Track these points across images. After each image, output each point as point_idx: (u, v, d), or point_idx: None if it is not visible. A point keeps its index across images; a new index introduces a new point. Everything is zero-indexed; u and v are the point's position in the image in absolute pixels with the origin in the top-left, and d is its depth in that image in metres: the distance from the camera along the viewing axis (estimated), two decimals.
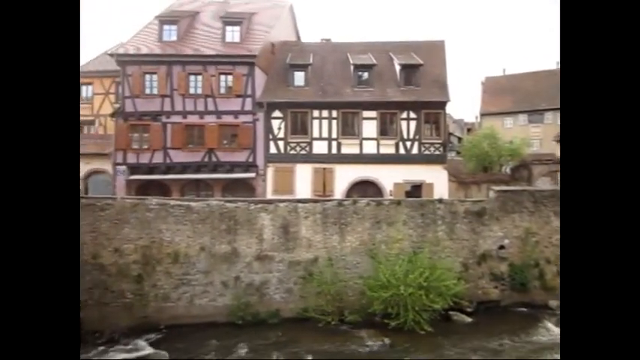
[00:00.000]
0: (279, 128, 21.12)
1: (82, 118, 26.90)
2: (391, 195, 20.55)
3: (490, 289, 16.29)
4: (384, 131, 21.57)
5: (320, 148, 21.39)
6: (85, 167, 21.79)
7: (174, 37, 22.10)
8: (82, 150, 21.47)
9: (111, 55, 22.71)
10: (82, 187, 21.03)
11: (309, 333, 14.27)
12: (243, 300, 15.20)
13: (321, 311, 14.94)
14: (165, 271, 15.10)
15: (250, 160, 20.93)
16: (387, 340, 13.61)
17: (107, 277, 14.63)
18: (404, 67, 22.25)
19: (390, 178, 20.87)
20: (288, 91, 21.79)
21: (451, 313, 15.09)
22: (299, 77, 22.23)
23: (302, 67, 22.44)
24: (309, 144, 21.38)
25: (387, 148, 21.46)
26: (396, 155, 21.16)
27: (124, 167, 21.21)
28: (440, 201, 16.84)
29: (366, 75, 22.50)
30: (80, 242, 14.24)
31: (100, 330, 13.90)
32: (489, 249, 16.39)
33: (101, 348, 13.24)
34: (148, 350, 13.27)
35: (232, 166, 21.03)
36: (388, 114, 21.54)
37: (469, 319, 15.19)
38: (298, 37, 28.95)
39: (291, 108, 21.23)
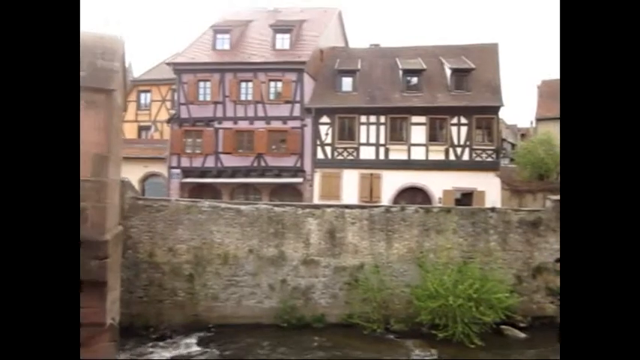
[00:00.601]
0: (327, 134, 21.24)
1: (140, 123, 28.43)
2: (440, 202, 20.05)
3: (546, 304, 15.43)
4: (433, 137, 21.13)
5: (367, 153, 21.29)
6: (142, 170, 22.98)
7: (227, 46, 22.89)
8: (139, 154, 22.69)
9: (168, 64, 23.87)
10: (139, 188, 22.17)
11: (354, 339, 14.16)
12: (289, 303, 15.35)
13: (367, 318, 14.79)
14: (215, 271, 15.56)
15: (298, 165, 21.19)
16: (434, 352, 13.24)
17: (161, 275, 15.28)
18: (455, 71, 21.74)
19: (439, 185, 20.39)
20: (336, 97, 21.89)
21: (503, 327, 14.43)
22: (347, 83, 22.30)
23: (350, 73, 22.49)
24: (357, 149, 21.33)
25: (437, 154, 20.99)
26: (445, 161, 20.66)
27: (178, 170, 22.16)
28: (492, 209, 16.21)
29: (415, 80, 22.19)
30: (137, 241, 15.00)
31: (154, 325, 14.53)
32: (545, 261, 15.54)
33: (155, 343, 13.82)
34: (198, 348, 13.71)
35: (280, 171, 21.40)
36: (438, 119, 21.10)
37: (523, 335, 14.46)
38: (346, 43, 29.05)
39: (339, 113, 21.31)
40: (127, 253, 12.66)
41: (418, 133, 21.12)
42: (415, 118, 21.16)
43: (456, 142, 20.77)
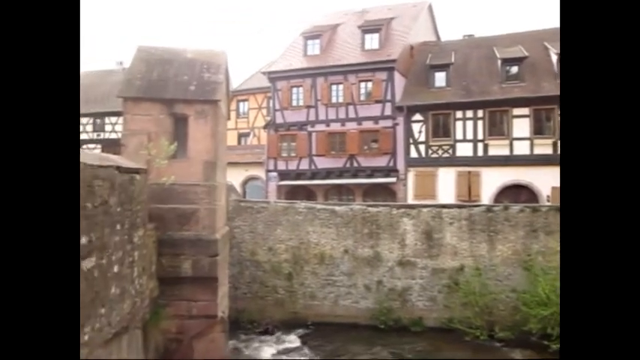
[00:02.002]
0: (420, 131, 20.66)
1: (239, 130, 30.37)
2: (549, 200, 18.35)
3: None
4: (538, 130, 19.42)
5: (464, 150, 20.28)
6: (243, 174, 24.52)
7: (317, 51, 23.47)
8: (240, 159, 24.22)
9: (263, 73, 25.18)
10: (240, 191, 23.66)
11: (455, 345, 13.55)
12: (385, 304, 15.20)
13: (469, 324, 14.06)
14: (312, 271, 15.98)
15: (391, 164, 20.92)
16: None
17: (262, 273, 16.12)
18: None
19: (546, 181, 18.66)
20: (429, 93, 21.22)
21: None
22: (440, 78, 21.49)
23: (443, 67, 21.65)
24: (452, 146, 20.44)
25: (543, 148, 19.24)
26: (554, 156, 18.84)
27: (275, 174, 23.25)
28: None
29: (515, 69, 20.61)
30: (241, 241, 16.01)
31: (257, 320, 15.37)
32: None
33: (259, 337, 14.60)
34: (299, 344, 14.19)
35: (373, 171, 21.31)
36: (544, 110, 19.34)
37: None
38: (438, 37, 28.02)
39: (432, 110, 20.61)
40: (231, 252, 13.57)
41: (521, 126, 19.56)
42: (517, 111, 19.62)
43: None
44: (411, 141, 20.76)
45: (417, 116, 20.78)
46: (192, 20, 70.56)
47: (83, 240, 3.94)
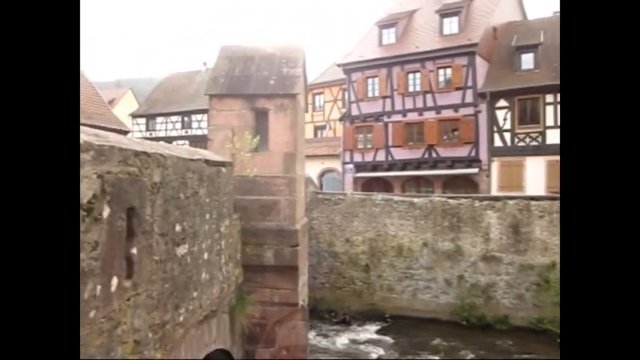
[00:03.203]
0: (505, 119, 19.37)
1: (315, 123, 30.81)
2: None
3: None
4: None
5: (555, 137, 18.68)
6: (319, 167, 24.88)
7: (392, 40, 22.95)
8: (316, 152, 24.57)
9: (338, 65, 25.20)
10: (317, 183, 24.02)
11: (546, 348, 12.61)
12: (468, 301, 14.58)
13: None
14: (390, 263, 15.80)
15: (472, 154, 19.90)
16: None
17: (340, 264, 16.27)
18: None
19: None
20: (514, 77, 19.78)
21: None
22: (527, 60, 19.91)
23: (530, 48, 20.02)
24: (542, 134, 18.91)
25: None
26: None
27: (351, 166, 23.28)
28: None
29: None
30: (318, 232, 16.29)
31: (335, 310, 15.58)
32: None
33: (337, 327, 14.80)
34: (376, 336, 14.15)
35: (453, 162, 20.44)
36: None
37: None
38: (524, 16, 25.97)
39: (519, 95, 19.19)
40: (310, 243, 13.89)
41: None
42: None
43: None
44: (495, 129, 19.54)
45: (502, 102, 19.49)
46: (192, 21, 71.80)
47: (177, 228, 4.24)
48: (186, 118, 32.27)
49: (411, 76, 21.28)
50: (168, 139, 28.78)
